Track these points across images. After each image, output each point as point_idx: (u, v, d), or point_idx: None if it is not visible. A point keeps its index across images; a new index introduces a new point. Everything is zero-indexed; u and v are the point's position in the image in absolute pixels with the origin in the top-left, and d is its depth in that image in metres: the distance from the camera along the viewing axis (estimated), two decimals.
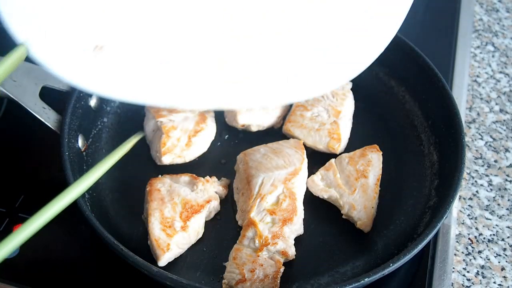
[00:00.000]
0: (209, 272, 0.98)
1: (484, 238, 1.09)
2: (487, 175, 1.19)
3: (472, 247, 1.08)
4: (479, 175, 1.19)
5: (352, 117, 1.18)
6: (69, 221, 1.04)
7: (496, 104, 1.32)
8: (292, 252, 0.98)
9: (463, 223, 1.11)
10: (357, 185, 1.04)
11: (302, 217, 1.02)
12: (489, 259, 1.07)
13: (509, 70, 1.40)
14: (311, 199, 1.06)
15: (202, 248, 1.01)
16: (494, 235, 1.10)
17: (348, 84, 1.20)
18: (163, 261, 0.95)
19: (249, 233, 0.97)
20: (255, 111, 1.14)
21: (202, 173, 1.06)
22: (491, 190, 1.16)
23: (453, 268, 1.04)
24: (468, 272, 1.05)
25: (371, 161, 1.06)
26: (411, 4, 0.98)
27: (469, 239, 1.09)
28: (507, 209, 1.14)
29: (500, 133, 1.26)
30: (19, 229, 0.78)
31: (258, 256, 0.94)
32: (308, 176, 1.07)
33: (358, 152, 1.08)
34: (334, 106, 1.15)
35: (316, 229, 1.04)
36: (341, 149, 1.13)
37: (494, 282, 1.04)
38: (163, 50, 0.91)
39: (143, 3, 0.94)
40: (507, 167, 1.20)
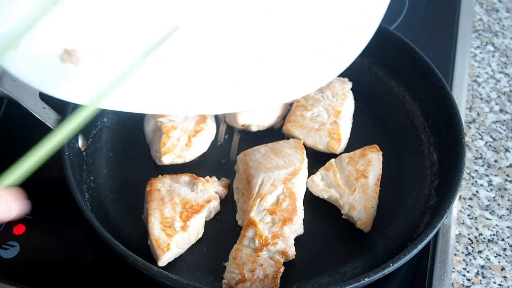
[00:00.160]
0: (209, 272, 0.98)
1: (484, 238, 1.09)
2: (487, 175, 1.19)
3: (472, 247, 1.08)
4: (479, 175, 1.19)
5: (352, 117, 1.18)
6: (69, 221, 1.05)
7: (496, 104, 1.32)
8: (292, 252, 0.98)
9: (463, 223, 1.11)
10: (357, 185, 1.04)
11: (302, 217, 1.02)
12: (489, 259, 1.07)
13: (509, 70, 1.40)
14: (311, 199, 1.06)
15: (202, 248, 1.01)
16: (494, 235, 1.10)
17: (348, 84, 1.20)
18: (163, 261, 0.95)
19: (249, 233, 0.97)
20: (255, 111, 1.14)
21: (202, 173, 1.06)
22: (491, 190, 1.16)
23: (453, 268, 1.04)
24: (468, 272, 1.05)
25: (371, 161, 1.06)
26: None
27: (469, 239, 1.09)
28: (507, 209, 1.14)
29: (500, 133, 1.26)
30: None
31: (258, 256, 0.94)
32: (308, 176, 1.07)
33: (358, 152, 1.08)
34: (334, 106, 1.15)
35: (316, 229, 1.04)
36: (341, 149, 1.13)
37: (494, 282, 1.04)
38: (158, 53, 0.89)
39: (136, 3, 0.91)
40: (507, 167, 1.20)
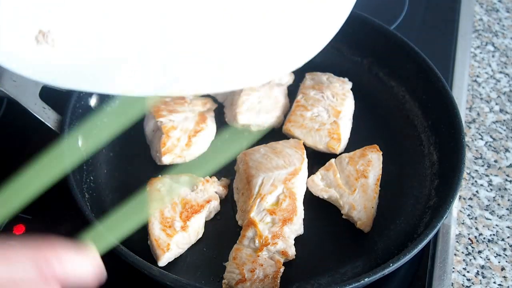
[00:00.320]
0: (209, 272, 0.98)
1: (484, 238, 1.09)
2: (487, 175, 1.19)
3: (472, 247, 1.08)
4: (479, 175, 1.19)
5: (352, 117, 1.18)
6: (69, 221, 1.05)
7: (496, 104, 1.32)
8: (292, 252, 0.98)
9: (463, 223, 1.11)
10: (357, 185, 1.04)
11: (302, 217, 1.02)
12: (489, 259, 1.07)
13: (509, 70, 1.40)
14: (311, 199, 1.06)
15: (202, 248, 1.01)
16: (494, 235, 1.10)
17: (348, 84, 1.20)
18: (163, 261, 0.95)
19: (249, 233, 0.97)
20: (255, 111, 1.14)
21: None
22: (491, 190, 1.16)
23: (453, 268, 1.04)
24: (468, 272, 1.05)
25: (371, 161, 1.06)
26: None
27: (469, 239, 1.09)
28: (507, 209, 1.14)
29: (500, 133, 1.26)
30: None
31: (258, 256, 0.94)
32: (308, 176, 1.07)
33: (358, 152, 1.08)
34: (334, 106, 1.15)
35: (316, 229, 1.04)
36: (341, 149, 1.13)
37: (494, 282, 1.03)
38: (128, 33, 0.88)
39: None
40: (507, 167, 1.20)
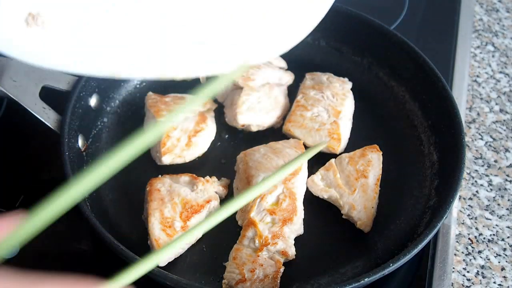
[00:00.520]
0: (209, 272, 0.98)
1: (484, 238, 1.09)
2: (487, 175, 1.19)
3: (472, 247, 1.08)
4: (479, 175, 1.19)
5: (352, 117, 1.18)
6: (69, 221, 1.05)
7: (496, 104, 1.32)
8: (292, 252, 0.98)
9: (463, 223, 1.11)
10: (357, 185, 1.04)
11: (302, 217, 1.02)
12: (489, 259, 1.07)
13: (509, 70, 1.40)
14: (311, 199, 1.06)
15: (202, 248, 1.01)
16: (494, 235, 1.10)
17: (348, 84, 1.20)
18: (163, 261, 0.95)
19: (249, 233, 0.97)
20: (255, 111, 1.14)
21: (202, 173, 1.06)
22: (491, 190, 1.16)
23: (453, 268, 1.04)
24: (468, 272, 1.05)
25: (371, 161, 1.06)
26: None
27: (469, 239, 1.09)
28: (507, 209, 1.14)
29: (500, 133, 1.26)
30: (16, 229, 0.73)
31: (258, 256, 0.94)
32: (308, 176, 1.07)
33: (358, 152, 1.08)
34: (334, 106, 1.15)
35: (316, 229, 1.04)
36: (341, 149, 1.13)
37: (494, 282, 1.04)
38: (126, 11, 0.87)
39: None
40: (507, 167, 1.20)
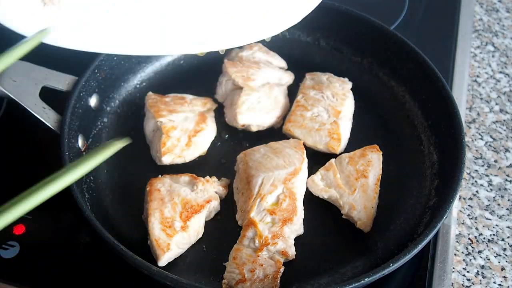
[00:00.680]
0: (209, 272, 0.98)
1: (484, 238, 1.09)
2: (487, 175, 1.19)
3: (472, 247, 1.08)
4: (479, 175, 1.19)
5: (352, 117, 1.18)
6: (69, 221, 1.05)
7: (496, 104, 1.32)
8: (292, 252, 0.98)
9: (463, 223, 1.11)
10: (357, 185, 1.04)
11: (302, 217, 1.02)
12: (489, 259, 1.07)
13: (509, 70, 1.40)
14: (311, 199, 1.06)
15: (202, 248, 1.01)
16: (494, 235, 1.10)
17: (348, 84, 1.20)
18: (163, 261, 0.95)
19: (249, 233, 0.97)
20: (255, 111, 1.14)
21: (202, 173, 1.06)
22: (491, 190, 1.16)
23: (453, 268, 1.04)
24: (468, 272, 1.05)
25: (371, 161, 1.06)
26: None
27: (469, 239, 1.09)
28: (507, 209, 1.14)
29: (500, 133, 1.26)
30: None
31: (258, 256, 0.94)
32: (308, 176, 1.07)
33: (358, 152, 1.08)
34: (334, 106, 1.15)
35: (316, 229, 1.04)
36: (341, 149, 1.13)
37: (494, 282, 1.04)
38: None
39: None
40: (507, 167, 1.20)
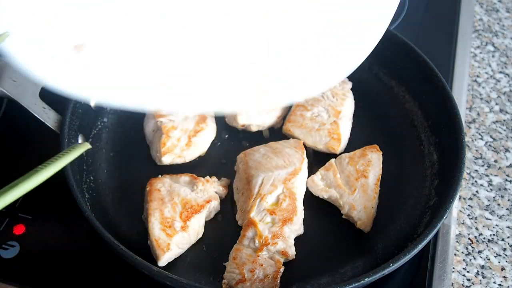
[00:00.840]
0: (209, 272, 0.98)
1: (484, 238, 1.09)
2: (487, 175, 1.19)
3: (472, 247, 1.08)
4: (479, 175, 1.19)
5: (352, 117, 1.18)
6: (69, 221, 1.05)
7: (496, 104, 1.32)
8: (292, 252, 0.98)
9: (463, 223, 1.11)
10: (357, 185, 1.04)
11: (302, 217, 1.02)
12: (489, 259, 1.07)
13: (509, 70, 1.40)
14: (311, 199, 1.06)
15: (202, 248, 1.01)
16: (494, 235, 1.10)
17: (348, 84, 1.20)
18: (163, 261, 0.95)
19: (249, 233, 0.97)
20: (255, 111, 1.14)
21: (202, 173, 1.06)
22: (491, 190, 1.16)
23: (453, 268, 1.04)
24: (468, 272, 1.05)
25: (371, 161, 1.06)
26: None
27: (469, 239, 1.09)
28: (507, 209, 1.14)
29: (500, 133, 1.26)
30: None
31: (258, 256, 0.94)
32: (308, 176, 1.07)
33: (358, 152, 1.08)
34: (334, 106, 1.15)
35: (316, 229, 1.04)
36: (341, 149, 1.13)
37: (494, 282, 1.03)
38: (155, 49, 0.89)
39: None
40: (507, 167, 1.20)
